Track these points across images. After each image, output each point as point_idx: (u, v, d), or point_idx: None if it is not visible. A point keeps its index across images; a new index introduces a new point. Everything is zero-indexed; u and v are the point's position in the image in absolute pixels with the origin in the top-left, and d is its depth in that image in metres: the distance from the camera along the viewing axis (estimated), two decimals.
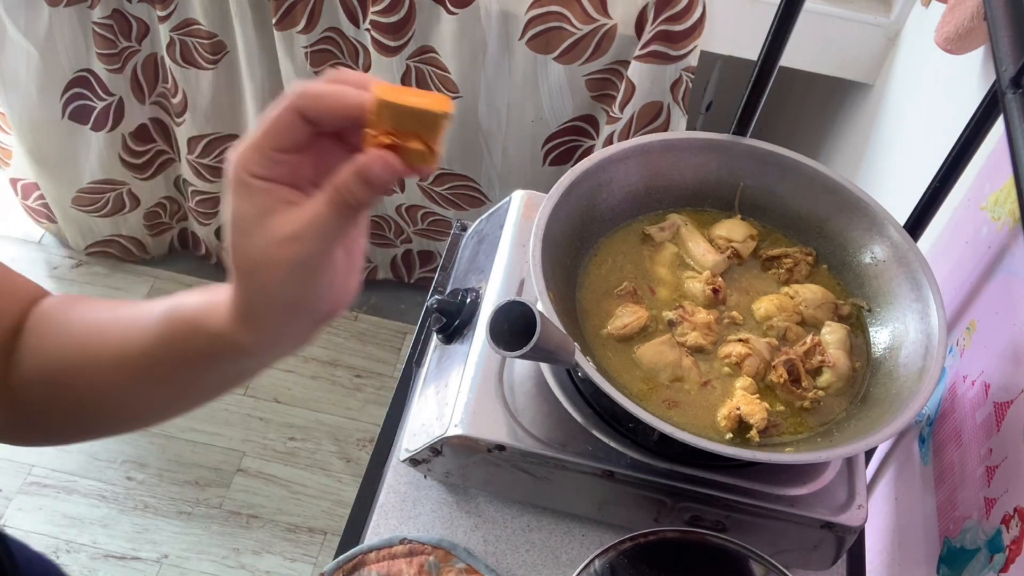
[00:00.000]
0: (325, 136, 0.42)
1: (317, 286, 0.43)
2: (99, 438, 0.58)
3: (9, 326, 0.54)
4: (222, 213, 0.44)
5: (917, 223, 0.91)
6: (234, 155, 0.41)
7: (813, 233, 0.90)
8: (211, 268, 2.17)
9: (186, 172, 1.92)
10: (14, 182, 2.03)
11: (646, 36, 1.43)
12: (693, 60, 1.45)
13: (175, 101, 1.77)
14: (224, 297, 0.45)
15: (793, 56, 1.40)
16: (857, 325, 0.85)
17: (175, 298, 0.49)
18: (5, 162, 1.99)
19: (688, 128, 1.66)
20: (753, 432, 0.74)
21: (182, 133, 1.82)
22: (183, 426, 1.89)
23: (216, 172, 1.90)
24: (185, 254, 2.19)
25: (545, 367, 0.82)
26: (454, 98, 1.62)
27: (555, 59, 1.52)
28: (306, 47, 1.61)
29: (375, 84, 0.40)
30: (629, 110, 1.53)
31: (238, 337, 0.45)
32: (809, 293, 0.85)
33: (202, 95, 1.75)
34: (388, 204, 1.96)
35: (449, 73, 1.58)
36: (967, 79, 1.04)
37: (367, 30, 1.55)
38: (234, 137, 1.85)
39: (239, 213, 0.41)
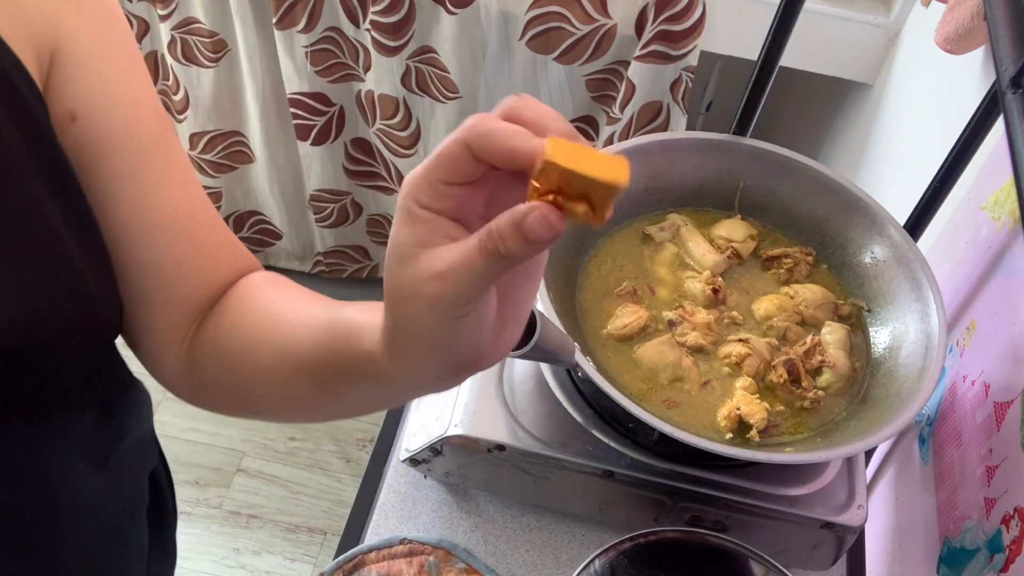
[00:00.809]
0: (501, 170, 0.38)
1: (459, 330, 0.39)
2: (260, 419, 0.59)
3: (217, 288, 0.57)
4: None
5: (917, 223, 0.91)
6: (406, 181, 0.39)
7: (813, 233, 0.90)
8: None
9: None
10: None
11: (646, 36, 1.43)
12: (693, 60, 1.45)
13: (176, 98, 1.77)
14: (381, 319, 0.43)
15: (793, 56, 1.40)
16: (857, 325, 0.85)
17: (343, 306, 0.49)
18: None
19: (688, 128, 1.66)
20: (753, 432, 0.74)
21: (184, 130, 1.82)
22: (183, 426, 1.89)
23: (219, 168, 1.91)
24: None
25: (545, 367, 0.82)
26: (453, 98, 1.62)
27: (555, 59, 1.52)
28: (306, 46, 1.61)
29: (550, 135, 0.36)
30: (629, 110, 1.53)
31: (383, 363, 0.43)
32: (809, 293, 0.85)
33: (203, 92, 1.75)
34: (389, 204, 1.96)
35: (449, 73, 1.58)
36: (967, 79, 1.04)
37: (367, 30, 1.55)
38: (237, 133, 1.86)
39: (399, 239, 0.39)
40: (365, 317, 0.45)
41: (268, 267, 2.16)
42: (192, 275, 0.55)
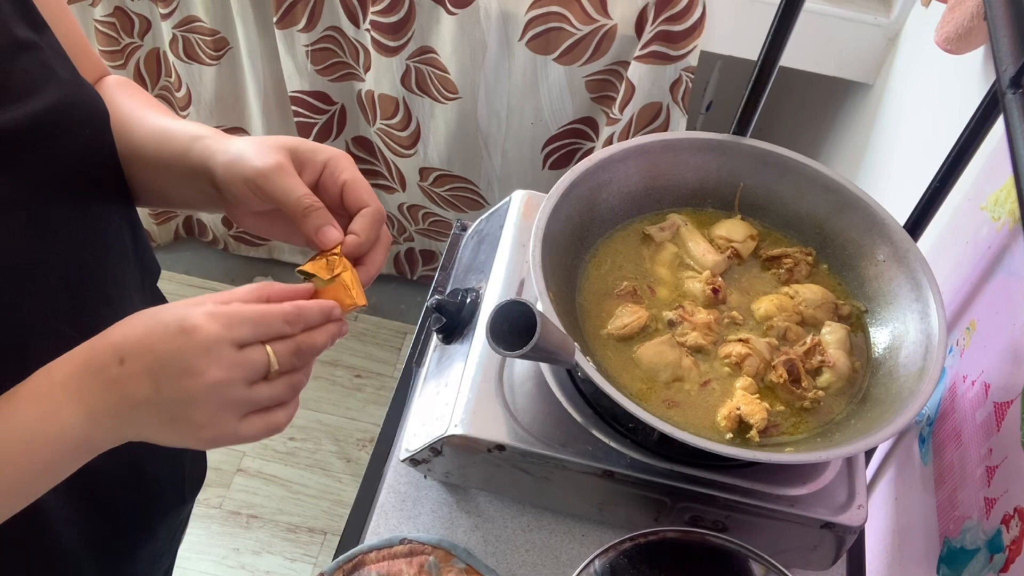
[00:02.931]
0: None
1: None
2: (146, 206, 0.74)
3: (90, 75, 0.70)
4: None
5: (917, 223, 0.91)
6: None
7: (813, 233, 0.90)
8: (218, 254, 2.17)
9: None
10: None
11: (646, 36, 1.43)
12: (693, 60, 1.45)
13: (179, 95, 1.77)
14: (232, 163, 0.61)
15: (793, 56, 1.40)
16: (857, 325, 0.85)
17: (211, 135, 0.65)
18: None
19: (688, 128, 1.66)
20: (753, 432, 0.74)
21: None
22: None
23: None
24: (191, 241, 2.19)
25: (545, 367, 0.82)
26: (453, 98, 1.62)
27: (555, 60, 1.52)
28: (307, 45, 1.61)
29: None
30: (629, 111, 1.53)
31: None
32: (809, 293, 0.85)
33: (206, 89, 1.76)
34: (391, 202, 1.96)
35: (449, 74, 1.58)
36: (967, 79, 1.04)
37: (367, 30, 1.55)
38: (239, 129, 1.86)
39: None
40: (232, 155, 0.62)
41: (271, 260, 2.19)
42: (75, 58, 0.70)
